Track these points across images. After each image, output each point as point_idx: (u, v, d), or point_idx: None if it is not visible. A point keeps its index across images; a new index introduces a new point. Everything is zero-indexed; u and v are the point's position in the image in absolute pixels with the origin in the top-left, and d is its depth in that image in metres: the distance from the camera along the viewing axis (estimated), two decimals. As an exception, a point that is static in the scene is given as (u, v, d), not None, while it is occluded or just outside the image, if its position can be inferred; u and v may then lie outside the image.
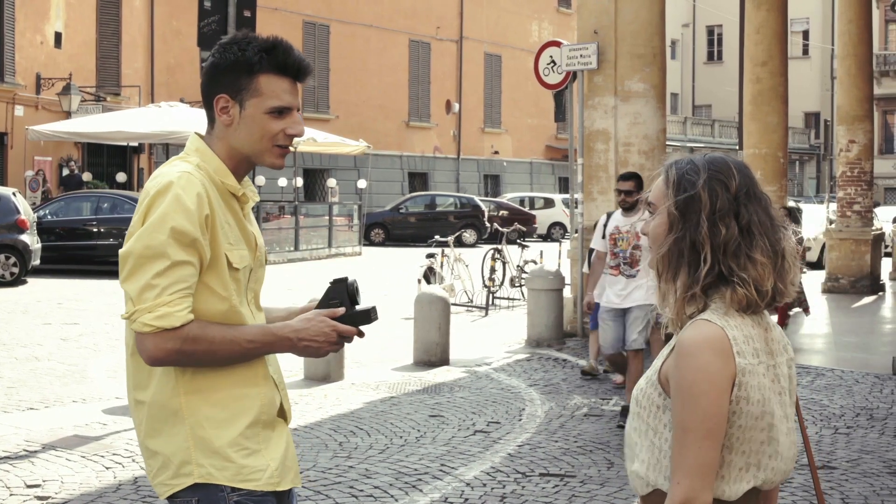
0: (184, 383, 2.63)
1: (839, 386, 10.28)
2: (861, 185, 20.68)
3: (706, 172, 2.29)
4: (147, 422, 2.67)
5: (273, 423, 2.75)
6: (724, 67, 62.55)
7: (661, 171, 2.37)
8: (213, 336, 2.57)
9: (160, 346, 2.52)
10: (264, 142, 2.73)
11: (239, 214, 2.76)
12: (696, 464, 2.17)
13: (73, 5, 30.21)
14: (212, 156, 2.74)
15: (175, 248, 2.53)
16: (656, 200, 2.35)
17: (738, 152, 23.14)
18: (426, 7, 44.27)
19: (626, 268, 8.60)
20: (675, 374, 2.22)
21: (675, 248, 2.29)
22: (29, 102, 28.78)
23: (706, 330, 2.22)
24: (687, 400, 2.18)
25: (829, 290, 19.85)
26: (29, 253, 19.60)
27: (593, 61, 13.24)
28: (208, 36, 10.85)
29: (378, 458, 7.40)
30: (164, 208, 2.55)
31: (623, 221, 8.69)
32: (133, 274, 2.54)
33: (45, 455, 7.32)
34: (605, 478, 6.95)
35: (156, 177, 2.65)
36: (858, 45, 20.49)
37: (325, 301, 2.80)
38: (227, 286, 2.66)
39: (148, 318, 2.51)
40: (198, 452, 2.63)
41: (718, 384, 2.19)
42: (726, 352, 2.21)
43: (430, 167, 45.11)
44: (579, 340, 12.97)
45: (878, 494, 6.64)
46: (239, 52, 2.70)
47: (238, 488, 2.64)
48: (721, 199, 2.26)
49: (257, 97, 2.70)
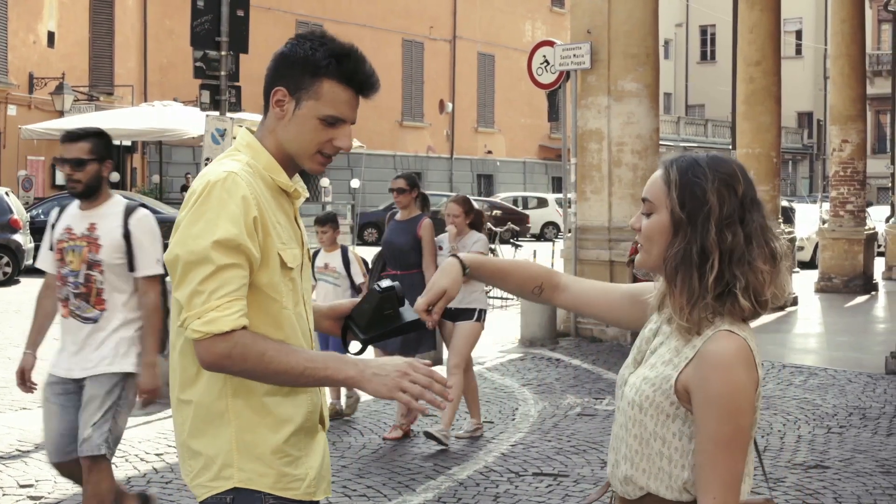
0: (232, 386, 2.57)
1: (832, 385, 10.30)
2: (854, 185, 20.71)
3: (714, 175, 2.24)
4: (192, 422, 2.61)
5: (314, 430, 2.70)
6: (717, 67, 62.54)
7: (661, 168, 2.32)
8: (265, 348, 2.48)
9: (210, 351, 2.46)
10: (310, 146, 2.64)
11: (290, 212, 2.70)
12: (729, 478, 2.16)
13: (65, 5, 30.15)
14: (262, 151, 2.65)
15: (218, 254, 2.45)
16: (654, 198, 2.30)
17: (731, 152, 23.15)
18: (419, 7, 44.27)
19: (78, 304, 4.95)
20: (705, 388, 2.17)
21: (683, 254, 2.24)
22: (22, 102, 28.73)
23: (735, 343, 2.19)
24: (721, 415, 2.15)
25: (822, 290, 19.87)
26: (22, 252, 19.57)
27: (587, 61, 13.25)
28: (201, 35, 10.84)
29: (371, 458, 7.40)
30: (209, 213, 2.48)
31: (79, 218, 5.05)
32: (181, 281, 2.48)
33: (38, 455, 7.30)
34: (598, 477, 6.95)
35: (202, 176, 2.57)
36: (851, 45, 20.52)
37: (378, 312, 2.72)
38: (277, 288, 2.58)
39: (196, 324, 2.44)
40: (240, 456, 2.57)
41: (751, 399, 2.18)
42: (752, 363, 2.20)
43: (423, 167, 45.09)
44: (573, 340, 12.98)
45: (871, 493, 6.65)
46: (310, 50, 2.61)
47: (276, 496, 2.59)
48: (729, 205, 2.22)
49: (315, 100, 2.61)
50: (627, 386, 2.39)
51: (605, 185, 13.29)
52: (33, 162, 28.45)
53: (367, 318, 2.76)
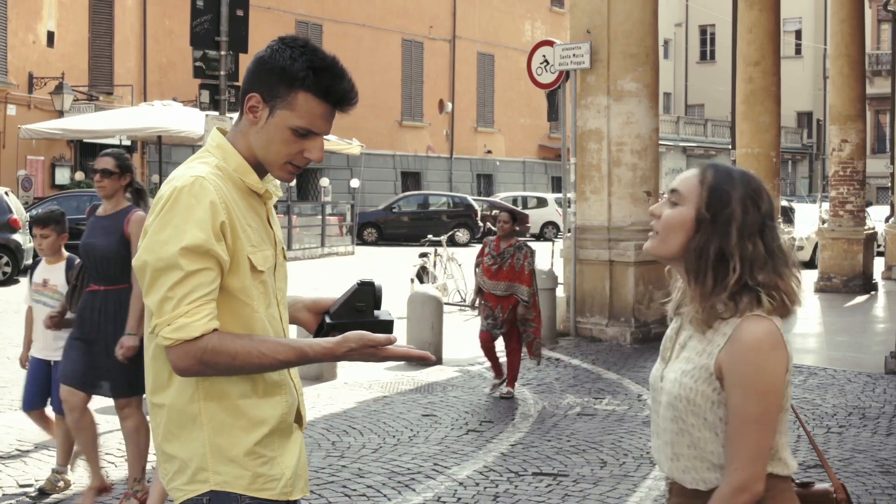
0: (203, 389, 2.57)
1: (831, 385, 10.30)
2: (853, 185, 20.71)
3: (743, 188, 2.45)
4: (165, 425, 2.61)
5: (289, 430, 2.70)
6: (716, 67, 62.54)
7: (699, 170, 2.51)
8: (235, 349, 2.48)
9: (182, 357, 2.46)
10: (280, 157, 2.62)
11: (261, 213, 2.68)
12: (756, 452, 2.35)
13: (65, 4, 30.14)
14: (233, 152, 2.64)
15: (187, 260, 2.45)
16: (685, 191, 2.48)
17: (730, 152, 23.14)
18: (419, 6, 44.26)
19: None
20: (736, 368, 2.36)
21: (701, 249, 2.44)
22: (21, 102, 28.72)
23: (765, 326, 2.38)
24: (750, 394, 2.34)
25: (821, 290, 19.88)
26: (21, 252, 19.59)
27: (586, 61, 13.25)
28: (201, 35, 10.86)
29: (371, 458, 7.40)
30: (176, 219, 2.47)
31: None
32: (151, 287, 2.48)
33: (38, 455, 7.31)
34: (597, 477, 6.95)
35: (170, 181, 2.56)
36: (851, 45, 20.52)
37: (350, 302, 2.71)
38: (248, 291, 2.58)
39: (167, 331, 2.45)
40: (214, 460, 2.57)
41: (780, 378, 2.38)
42: (782, 344, 2.38)
43: (422, 166, 45.10)
44: (572, 340, 12.98)
45: (871, 493, 6.65)
46: (289, 60, 2.57)
47: (252, 497, 2.60)
48: (751, 217, 2.43)
49: (289, 111, 2.58)
50: (665, 382, 2.53)
51: (604, 185, 13.29)
52: (33, 162, 28.45)
53: (338, 306, 2.75)
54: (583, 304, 13.28)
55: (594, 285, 13.19)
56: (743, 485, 2.35)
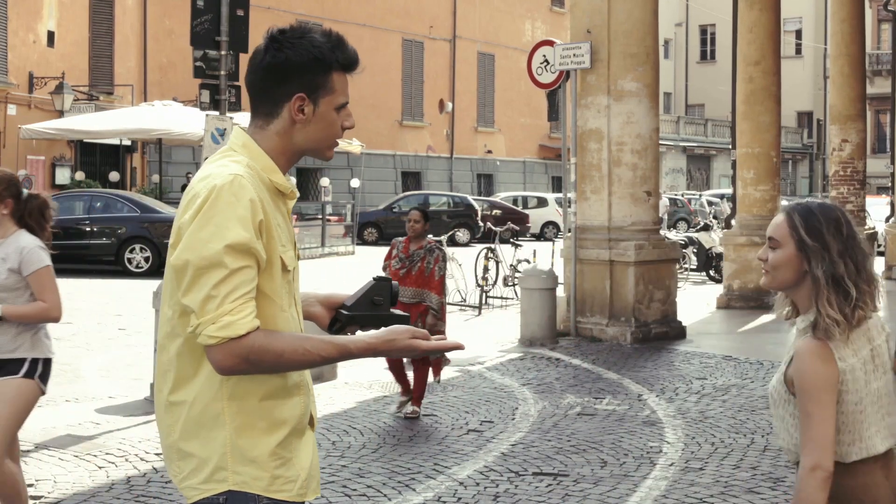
0: (228, 388, 2.57)
1: (832, 385, 10.29)
2: (854, 185, 20.72)
3: (827, 221, 2.99)
4: (183, 423, 2.60)
5: (304, 430, 2.71)
6: (717, 67, 62.52)
7: (783, 213, 3.04)
8: (282, 347, 2.50)
9: (227, 356, 2.46)
10: (329, 139, 2.72)
11: (285, 213, 2.71)
12: (820, 439, 2.89)
13: (65, 4, 30.14)
14: (259, 152, 2.66)
15: (231, 258, 2.45)
16: (780, 237, 3.02)
17: (731, 151, 23.14)
18: (419, 6, 44.26)
19: None
20: (796, 376, 2.95)
21: (816, 279, 2.96)
22: (21, 102, 28.72)
23: (812, 344, 2.95)
24: (803, 395, 2.92)
25: (821, 290, 19.84)
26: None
27: (586, 60, 13.25)
28: (201, 35, 10.86)
29: (371, 458, 7.40)
30: (217, 217, 2.48)
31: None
32: (192, 286, 2.47)
33: (38, 454, 7.31)
34: (598, 477, 6.95)
35: (205, 177, 2.56)
36: (851, 45, 20.53)
37: (368, 295, 2.76)
38: (277, 290, 2.60)
39: (211, 329, 2.44)
40: (234, 460, 2.57)
41: (828, 384, 2.91)
42: (830, 358, 2.92)
43: (423, 166, 45.11)
44: (572, 340, 12.98)
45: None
46: (313, 48, 2.65)
47: (270, 498, 2.60)
48: (839, 243, 2.97)
49: (330, 95, 2.68)
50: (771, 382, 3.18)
51: (604, 185, 13.29)
52: (33, 161, 28.45)
53: (355, 299, 2.79)
54: (583, 303, 13.28)
55: (594, 285, 13.19)
56: (814, 464, 2.88)
